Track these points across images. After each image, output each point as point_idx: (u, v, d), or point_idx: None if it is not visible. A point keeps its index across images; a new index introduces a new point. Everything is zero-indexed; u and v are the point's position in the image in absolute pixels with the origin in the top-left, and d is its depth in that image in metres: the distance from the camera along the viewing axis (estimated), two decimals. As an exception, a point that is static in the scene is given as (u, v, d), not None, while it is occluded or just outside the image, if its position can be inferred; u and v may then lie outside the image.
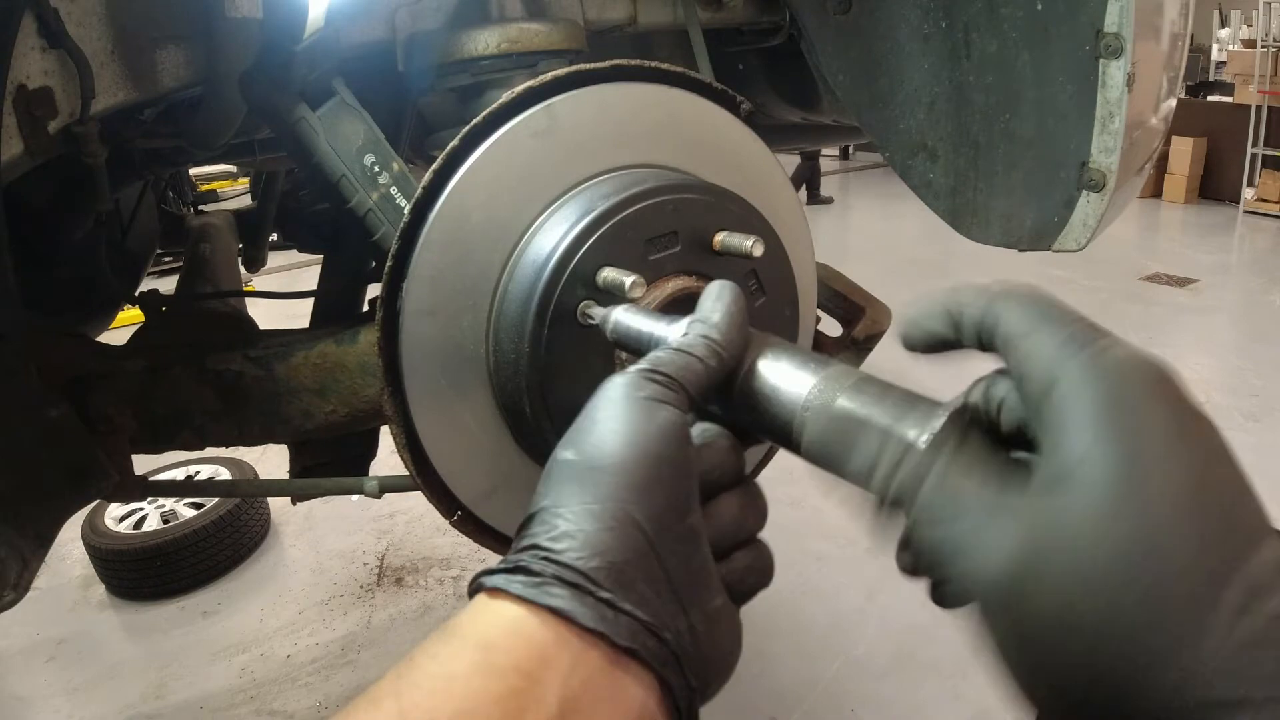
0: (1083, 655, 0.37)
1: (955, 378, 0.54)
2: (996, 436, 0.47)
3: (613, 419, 0.49)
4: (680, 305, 0.86)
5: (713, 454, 0.54)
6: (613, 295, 0.78)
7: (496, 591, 0.44)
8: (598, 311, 0.75)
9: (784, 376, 0.55)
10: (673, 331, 0.61)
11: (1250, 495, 0.39)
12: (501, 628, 0.43)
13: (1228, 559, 0.36)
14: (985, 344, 0.47)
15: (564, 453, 0.50)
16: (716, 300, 0.58)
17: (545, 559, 0.44)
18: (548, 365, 0.84)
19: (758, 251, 0.81)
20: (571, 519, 0.45)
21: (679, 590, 0.46)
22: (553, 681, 0.41)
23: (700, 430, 0.57)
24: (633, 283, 0.76)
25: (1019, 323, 0.44)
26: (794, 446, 0.55)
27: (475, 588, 0.46)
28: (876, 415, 0.50)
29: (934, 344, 0.51)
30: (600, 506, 0.45)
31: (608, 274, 0.79)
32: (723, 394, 0.57)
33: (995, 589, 0.40)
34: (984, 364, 0.50)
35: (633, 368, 0.53)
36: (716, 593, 0.49)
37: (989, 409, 0.48)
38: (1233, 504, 0.38)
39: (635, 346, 0.67)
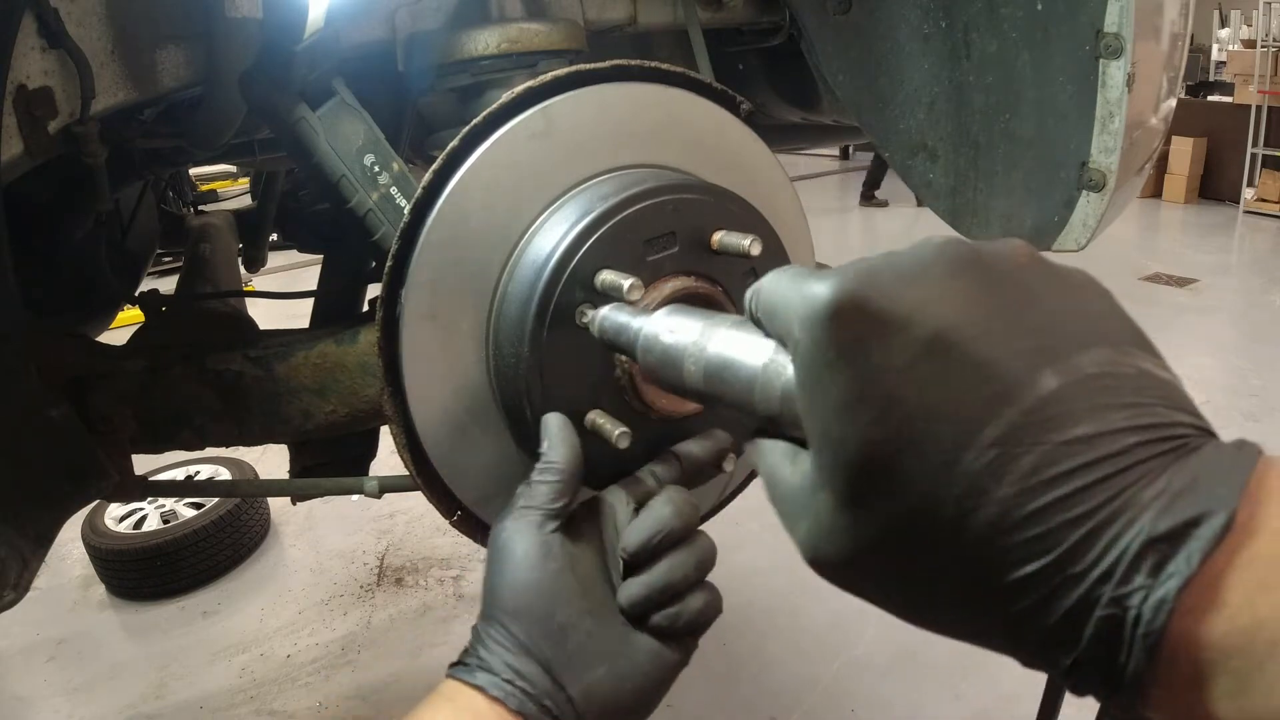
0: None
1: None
2: None
3: (499, 558, 0.68)
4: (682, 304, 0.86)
5: (642, 528, 0.69)
6: (611, 297, 0.78)
7: (461, 682, 0.64)
8: (590, 314, 0.78)
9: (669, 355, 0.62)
10: (647, 323, 0.67)
11: (1041, 318, 0.39)
12: (472, 702, 0.62)
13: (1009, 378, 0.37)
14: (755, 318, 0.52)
15: (484, 581, 0.69)
16: (555, 435, 0.75)
17: (480, 661, 0.65)
18: (547, 366, 0.84)
19: (755, 250, 0.81)
20: (490, 638, 0.65)
21: (557, 674, 0.64)
22: None
23: (625, 503, 0.74)
24: (630, 285, 0.76)
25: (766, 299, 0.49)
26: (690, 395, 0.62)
27: (448, 674, 0.65)
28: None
29: None
30: (500, 631, 0.65)
31: (606, 276, 0.80)
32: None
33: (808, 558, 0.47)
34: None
35: (511, 504, 0.71)
36: (597, 666, 0.65)
37: None
38: (1014, 332, 0.38)
39: (619, 344, 0.71)
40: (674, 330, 0.63)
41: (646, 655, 0.68)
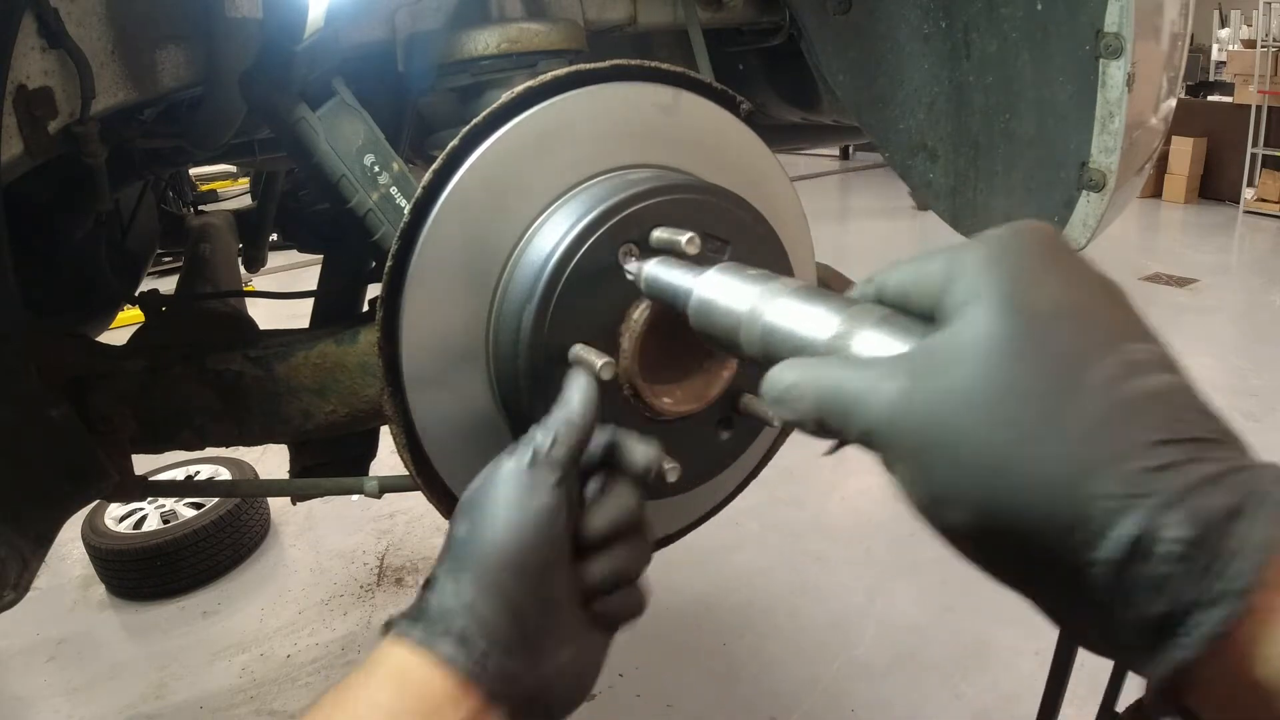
0: (971, 467, 0.38)
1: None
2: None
3: (499, 504, 0.61)
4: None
5: (609, 509, 0.66)
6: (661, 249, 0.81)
7: (404, 638, 0.58)
8: (633, 265, 0.77)
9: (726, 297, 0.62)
10: (699, 284, 0.66)
11: (1120, 305, 0.41)
12: (410, 670, 0.56)
13: (1079, 351, 0.38)
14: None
15: (460, 527, 0.62)
16: (573, 390, 0.69)
17: (438, 619, 0.58)
18: (545, 370, 0.84)
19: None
20: (463, 590, 0.58)
21: (536, 649, 0.59)
22: (448, 713, 0.55)
23: (600, 485, 0.68)
24: (689, 239, 0.77)
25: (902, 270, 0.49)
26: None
27: (388, 627, 0.60)
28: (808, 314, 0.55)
29: None
30: (483, 582, 0.58)
31: (660, 234, 0.81)
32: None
33: (875, 429, 0.42)
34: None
35: (520, 451, 0.64)
36: (567, 645, 0.62)
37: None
38: (1088, 311, 0.40)
39: (666, 299, 0.70)
40: (728, 293, 0.62)
41: (599, 643, 0.65)
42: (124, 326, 1.96)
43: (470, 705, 0.56)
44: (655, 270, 0.73)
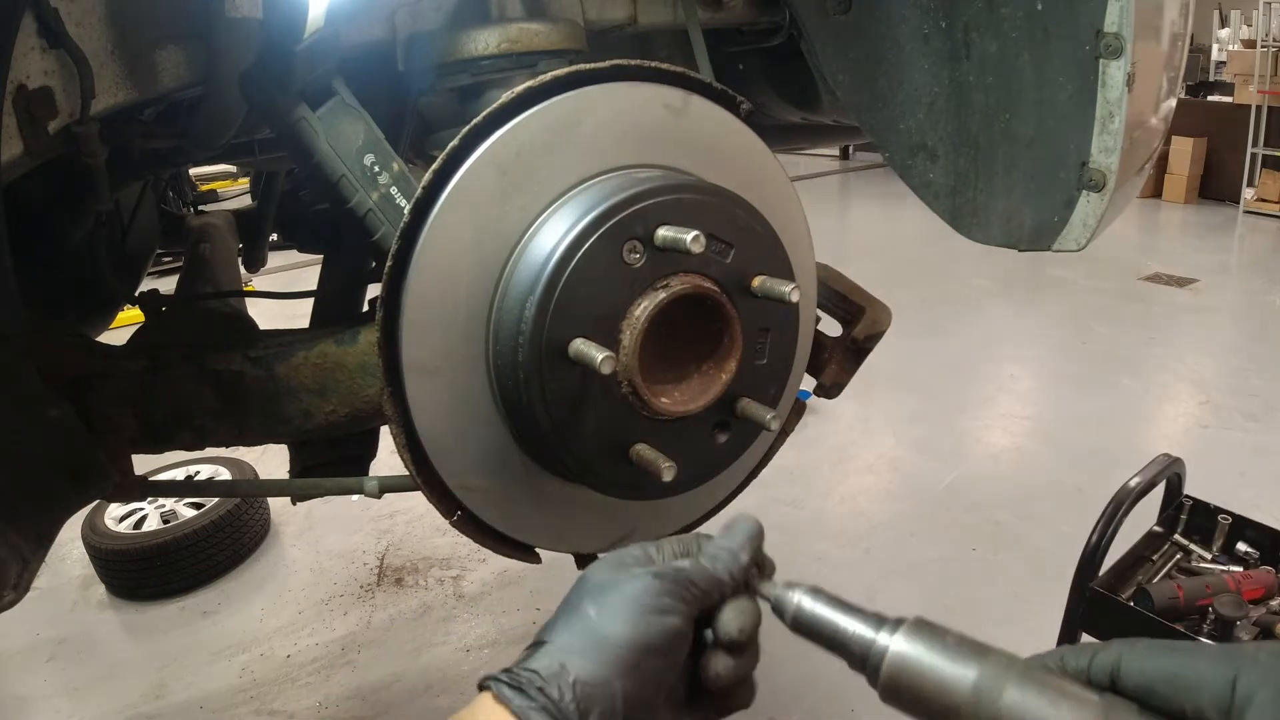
0: None
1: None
2: None
3: (634, 604, 0.61)
4: (685, 304, 0.86)
5: (751, 614, 0.67)
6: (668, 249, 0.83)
7: (503, 702, 0.57)
8: (770, 590, 0.70)
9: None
10: (893, 640, 0.62)
11: None
12: None
13: None
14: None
15: (589, 607, 0.62)
16: (747, 539, 0.69)
17: (540, 690, 0.57)
18: (546, 365, 0.84)
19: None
20: (572, 668, 0.58)
21: None
22: None
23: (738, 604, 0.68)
24: (693, 238, 0.80)
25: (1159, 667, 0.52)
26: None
27: (484, 685, 0.59)
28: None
29: None
30: (596, 668, 0.58)
31: (664, 232, 0.83)
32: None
33: None
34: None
35: (664, 574, 0.63)
36: None
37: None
38: None
39: (832, 647, 0.66)
40: (941, 667, 0.58)
41: None
42: (124, 326, 1.96)
43: None
44: (816, 608, 0.66)
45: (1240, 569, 2.47)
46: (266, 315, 1.63)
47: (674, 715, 0.65)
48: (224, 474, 3.68)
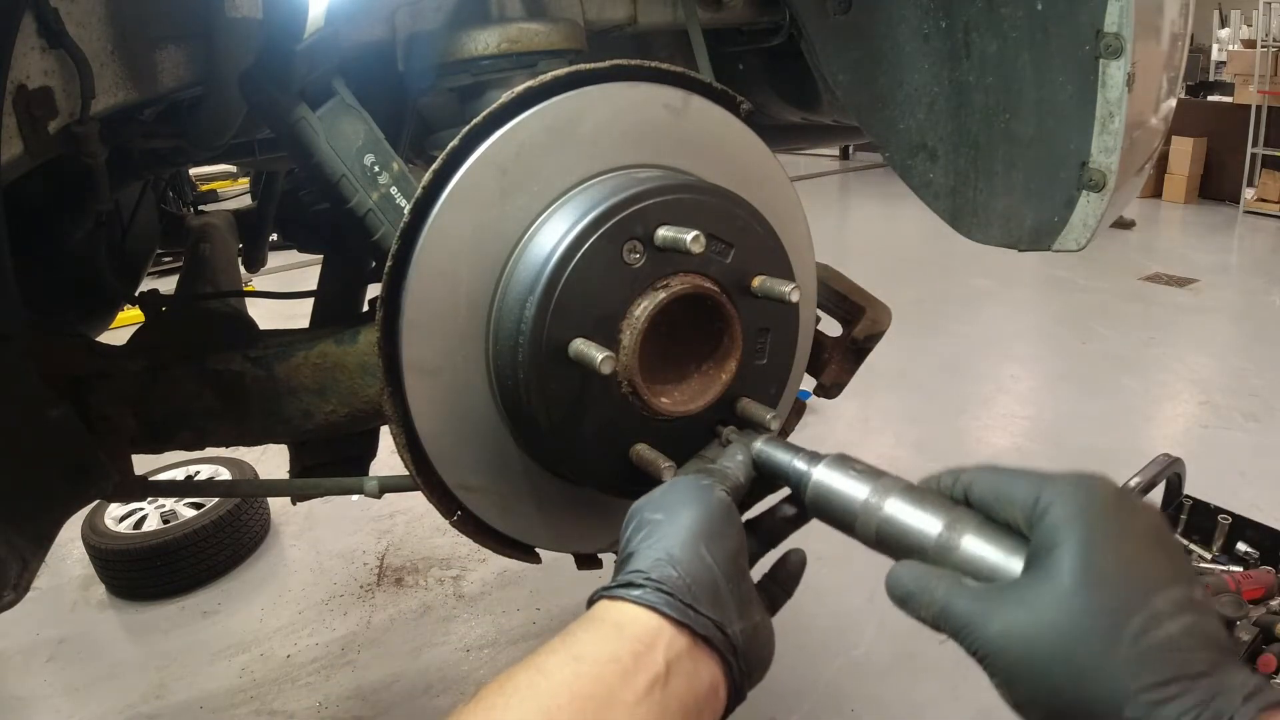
0: (1045, 687, 0.57)
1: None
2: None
3: (686, 495, 0.74)
4: (685, 304, 0.86)
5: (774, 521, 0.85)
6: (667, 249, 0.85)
7: (617, 599, 0.67)
8: (737, 438, 0.90)
9: (844, 486, 0.76)
10: (816, 473, 0.80)
11: (1166, 554, 0.58)
12: (625, 618, 0.65)
13: (1122, 608, 0.55)
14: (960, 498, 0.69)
15: (652, 514, 0.73)
16: (738, 450, 0.85)
17: (647, 579, 0.67)
18: (546, 365, 0.84)
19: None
20: (663, 555, 0.68)
21: (734, 607, 0.68)
22: (659, 652, 0.63)
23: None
24: (693, 238, 0.82)
25: (990, 484, 0.67)
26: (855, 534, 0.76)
27: (596, 598, 0.69)
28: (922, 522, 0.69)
29: None
30: (681, 549, 0.68)
31: (664, 232, 0.85)
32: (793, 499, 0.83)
33: (987, 653, 0.60)
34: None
35: (696, 471, 0.80)
36: (758, 610, 0.72)
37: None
38: (1141, 570, 0.57)
39: (778, 477, 0.83)
40: (844, 485, 0.77)
41: (769, 621, 0.76)
42: (124, 326, 1.96)
43: (681, 644, 0.64)
44: (767, 448, 0.84)
45: (1240, 569, 2.48)
46: (266, 315, 1.63)
47: (756, 594, 0.74)
48: (224, 474, 3.68)
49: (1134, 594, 0.56)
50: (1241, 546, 2.54)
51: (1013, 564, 0.63)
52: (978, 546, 0.65)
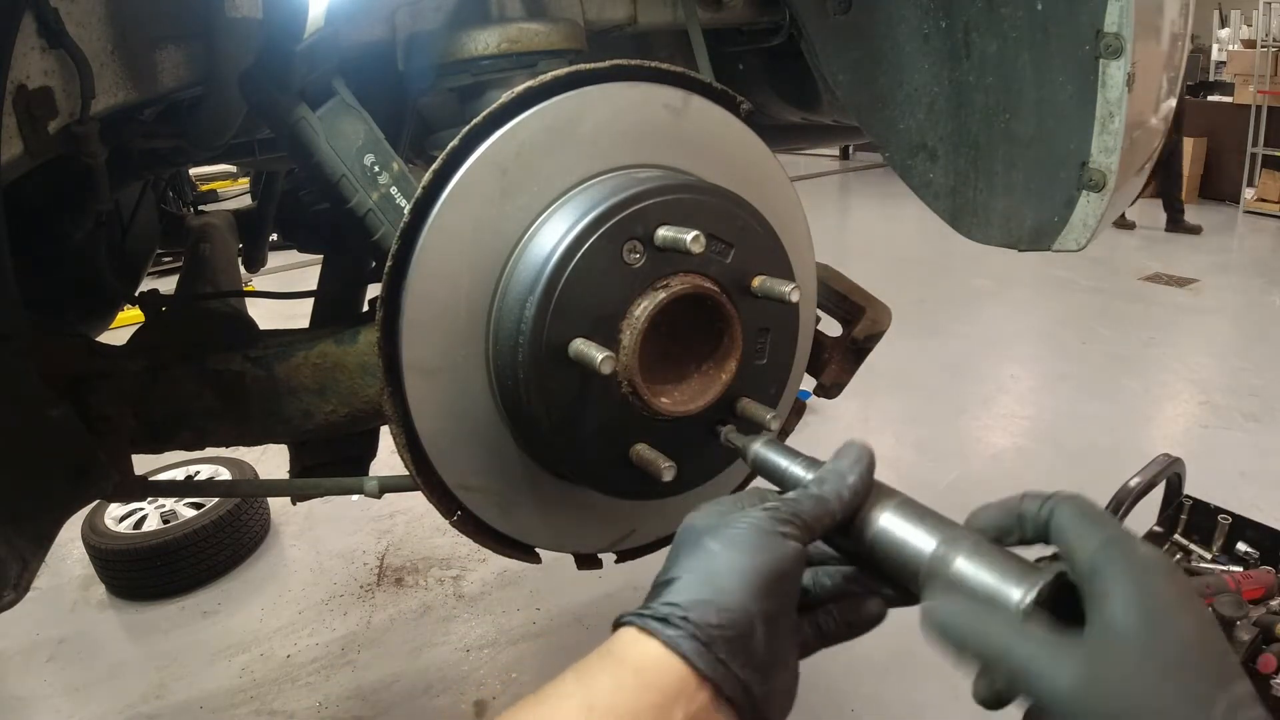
0: None
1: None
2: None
3: (756, 533, 0.66)
4: (685, 303, 0.86)
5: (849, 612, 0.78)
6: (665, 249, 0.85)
7: (645, 631, 0.62)
8: (736, 438, 0.85)
9: (908, 534, 0.70)
10: (811, 480, 0.74)
11: (1225, 646, 0.56)
12: (647, 662, 0.61)
13: (1213, 687, 0.53)
14: (1038, 537, 0.64)
15: (710, 542, 0.66)
16: (855, 462, 0.73)
17: (684, 619, 0.61)
18: (546, 365, 0.84)
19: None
20: (709, 596, 0.63)
21: (766, 665, 0.64)
22: (679, 709, 0.60)
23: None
24: (693, 238, 0.81)
25: (1069, 520, 0.61)
26: (913, 599, 0.72)
27: (623, 622, 0.64)
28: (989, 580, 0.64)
29: (998, 535, 0.67)
30: (729, 595, 0.62)
31: (664, 232, 0.84)
32: (844, 533, 0.73)
33: (1062, 701, 0.55)
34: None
35: (776, 504, 0.69)
36: (785, 669, 0.67)
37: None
38: (1215, 655, 0.55)
39: (772, 480, 0.79)
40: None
41: (796, 672, 0.70)
42: (124, 326, 1.96)
43: (702, 699, 0.61)
44: (765, 452, 0.80)
45: (1240, 569, 2.47)
46: (266, 315, 1.63)
47: (793, 648, 0.70)
48: (224, 474, 3.68)
49: (1216, 674, 0.55)
50: (1241, 546, 2.54)
51: (1008, 591, 0.61)
52: (971, 570, 0.63)
